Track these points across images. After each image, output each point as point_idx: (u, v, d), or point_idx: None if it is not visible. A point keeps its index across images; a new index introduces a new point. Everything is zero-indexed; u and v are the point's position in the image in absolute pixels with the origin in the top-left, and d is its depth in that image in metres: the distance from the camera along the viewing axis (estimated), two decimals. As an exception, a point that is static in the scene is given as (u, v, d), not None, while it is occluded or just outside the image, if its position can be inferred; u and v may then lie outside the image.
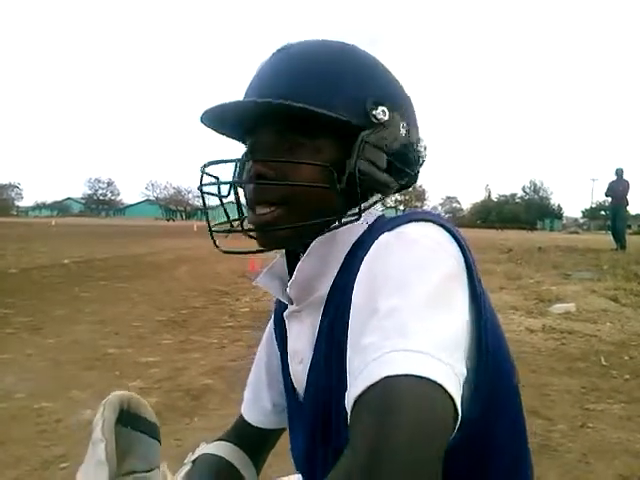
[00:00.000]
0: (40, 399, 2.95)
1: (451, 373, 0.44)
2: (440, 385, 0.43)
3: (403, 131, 0.69)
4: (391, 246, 0.56)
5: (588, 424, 2.69)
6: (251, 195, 0.69)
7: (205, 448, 0.88)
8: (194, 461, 0.85)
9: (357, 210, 0.66)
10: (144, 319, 5.23)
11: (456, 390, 0.44)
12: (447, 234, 0.58)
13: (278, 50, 0.72)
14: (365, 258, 0.58)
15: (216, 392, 3.10)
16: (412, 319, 0.47)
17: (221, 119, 0.71)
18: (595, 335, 4.57)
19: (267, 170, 0.66)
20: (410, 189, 0.82)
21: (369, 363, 0.45)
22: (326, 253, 0.68)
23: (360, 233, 0.64)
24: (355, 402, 0.44)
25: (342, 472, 0.40)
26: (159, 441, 0.92)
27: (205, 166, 0.72)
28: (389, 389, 0.43)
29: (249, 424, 0.90)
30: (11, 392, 3.07)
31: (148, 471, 0.87)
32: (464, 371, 0.48)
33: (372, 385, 0.43)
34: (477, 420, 0.57)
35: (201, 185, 0.72)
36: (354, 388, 0.45)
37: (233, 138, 0.78)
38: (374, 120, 0.67)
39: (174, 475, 0.86)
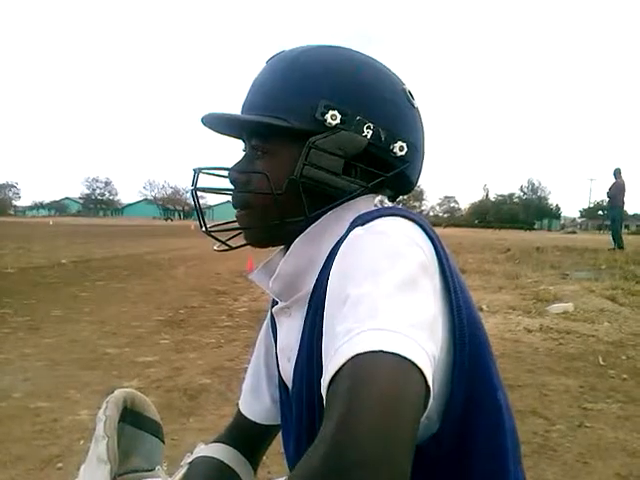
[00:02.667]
0: (37, 399, 2.95)
1: (421, 350, 0.44)
2: (410, 360, 0.42)
3: (368, 132, 0.68)
4: (361, 238, 0.57)
5: (586, 424, 2.69)
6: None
7: (202, 450, 0.87)
8: (190, 463, 0.85)
9: (317, 213, 0.69)
10: (142, 319, 5.22)
11: (426, 366, 0.43)
12: (417, 227, 0.59)
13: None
14: (337, 254, 0.59)
15: (213, 392, 3.10)
16: (382, 302, 0.47)
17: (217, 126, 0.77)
18: (593, 335, 4.57)
19: (237, 177, 0.73)
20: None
21: (340, 346, 0.45)
22: (311, 251, 0.69)
23: (343, 232, 0.64)
24: (328, 386, 0.44)
25: (312, 446, 0.40)
26: (162, 440, 0.92)
27: (195, 171, 0.74)
28: (358, 365, 0.42)
29: (247, 420, 0.90)
30: (8, 391, 3.06)
31: (150, 470, 0.87)
32: (436, 353, 0.48)
33: (343, 365, 0.43)
34: (456, 419, 0.57)
35: (195, 188, 0.74)
36: (327, 375, 0.45)
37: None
38: (326, 124, 0.67)
39: (170, 477, 0.85)
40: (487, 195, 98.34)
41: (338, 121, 0.67)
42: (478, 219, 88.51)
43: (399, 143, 0.71)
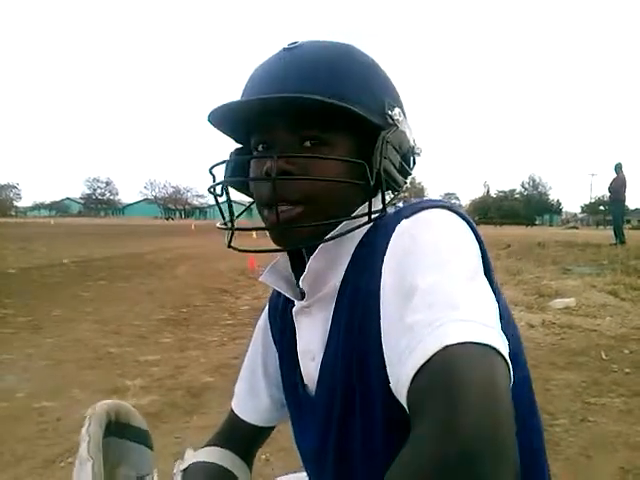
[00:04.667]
0: (41, 398, 2.95)
1: (502, 339, 0.45)
2: (497, 350, 0.43)
3: (408, 132, 0.71)
4: (415, 230, 0.57)
5: (589, 418, 2.69)
6: (270, 193, 0.63)
7: (195, 455, 0.86)
8: (185, 470, 0.83)
9: (381, 206, 0.65)
10: (144, 318, 5.23)
11: (507, 355, 0.44)
12: (462, 220, 0.59)
13: (287, 47, 0.68)
14: (389, 246, 0.58)
15: (216, 390, 3.11)
16: (457, 292, 0.48)
17: (231, 118, 0.68)
18: (595, 329, 4.57)
19: (290, 167, 0.64)
20: (409, 186, 0.83)
21: (423, 337, 0.45)
22: (334, 250, 0.68)
23: (365, 231, 0.64)
24: (413, 379, 0.44)
25: (412, 446, 0.39)
26: (151, 448, 0.90)
27: (213, 167, 0.71)
28: (451, 356, 0.42)
29: (243, 422, 0.89)
30: (12, 391, 3.07)
31: (140, 478, 0.86)
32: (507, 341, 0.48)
33: (431, 357, 0.43)
34: None
35: (214, 187, 0.71)
36: (408, 366, 0.44)
37: (234, 138, 0.76)
38: (390, 121, 0.68)
39: None
40: (488, 191, 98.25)
41: (402, 118, 0.69)
42: (479, 215, 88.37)
43: (418, 143, 0.75)
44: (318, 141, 0.65)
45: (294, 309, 0.76)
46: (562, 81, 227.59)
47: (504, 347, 0.44)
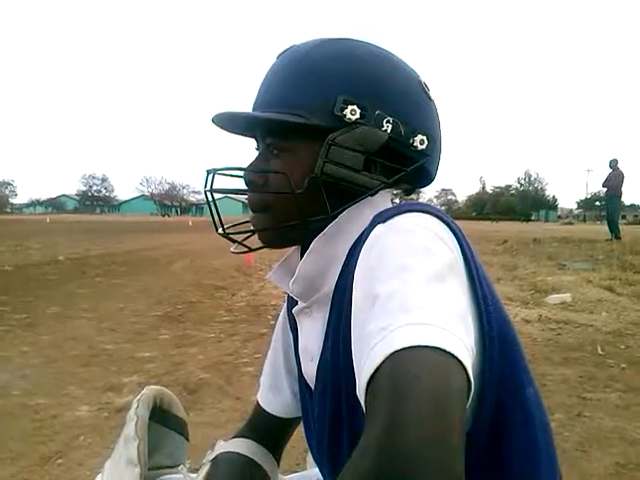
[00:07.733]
0: (36, 396, 2.94)
1: (459, 342, 0.43)
2: (449, 352, 0.41)
3: (387, 126, 0.67)
4: (384, 236, 0.55)
5: (585, 413, 2.70)
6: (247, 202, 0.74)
7: (223, 446, 0.87)
8: (213, 460, 0.84)
9: (338, 212, 0.67)
10: (140, 314, 5.22)
11: (466, 359, 0.42)
12: (442, 224, 0.57)
13: (277, 56, 0.74)
14: (361, 252, 0.57)
15: (213, 386, 3.09)
16: (413, 297, 0.46)
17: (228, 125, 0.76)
18: (591, 325, 4.58)
19: (254, 177, 0.71)
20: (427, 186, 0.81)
21: (375, 345, 0.43)
22: (329, 250, 0.68)
23: (362, 229, 0.63)
24: (367, 387, 0.43)
25: (358, 450, 0.38)
26: (187, 438, 0.92)
27: (209, 172, 0.72)
28: (398, 363, 0.41)
29: (268, 414, 0.89)
30: (7, 389, 3.05)
31: (173, 467, 0.87)
32: (472, 345, 0.46)
33: (381, 364, 0.42)
34: (487, 417, 0.56)
35: (211, 189, 0.72)
36: (363, 374, 0.43)
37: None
38: (345, 120, 0.66)
39: (192, 474, 0.85)
40: (484, 187, 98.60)
41: (357, 116, 0.66)
42: (475, 211, 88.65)
43: (419, 136, 0.69)
44: (279, 149, 0.69)
45: (294, 309, 0.76)
46: (558, 76, 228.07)
47: (461, 351, 0.42)
